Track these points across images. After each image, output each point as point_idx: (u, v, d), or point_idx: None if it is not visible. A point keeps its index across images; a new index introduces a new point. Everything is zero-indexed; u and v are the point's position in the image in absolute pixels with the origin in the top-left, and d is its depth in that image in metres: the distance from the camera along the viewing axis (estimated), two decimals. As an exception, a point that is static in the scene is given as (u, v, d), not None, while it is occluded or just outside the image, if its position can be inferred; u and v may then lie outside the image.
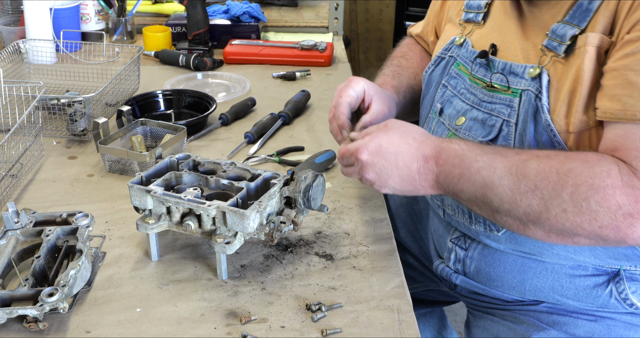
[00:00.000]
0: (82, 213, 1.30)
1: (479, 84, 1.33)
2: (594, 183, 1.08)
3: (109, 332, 1.13)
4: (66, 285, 1.12)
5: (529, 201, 1.12)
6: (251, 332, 1.12)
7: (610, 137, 1.13)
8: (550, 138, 1.19)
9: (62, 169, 1.62)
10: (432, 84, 1.47)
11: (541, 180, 1.11)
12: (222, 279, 1.25)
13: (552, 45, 1.21)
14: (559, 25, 1.21)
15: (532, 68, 1.23)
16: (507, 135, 1.25)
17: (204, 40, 2.26)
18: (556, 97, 1.20)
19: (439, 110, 1.41)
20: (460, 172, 1.18)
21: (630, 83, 1.10)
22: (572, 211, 1.10)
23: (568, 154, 1.14)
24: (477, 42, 1.39)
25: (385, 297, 1.21)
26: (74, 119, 1.69)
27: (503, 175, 1.14)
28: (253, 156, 1.68)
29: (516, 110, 1.25)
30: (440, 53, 1.47)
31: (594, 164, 1.10)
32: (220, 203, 1.21)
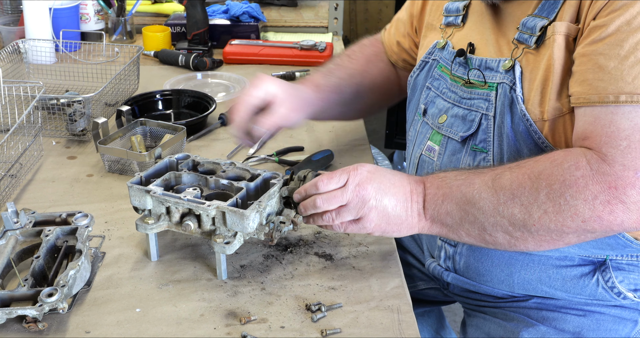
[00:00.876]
0: (81, 214, 1.30)
1: (458, 82, 1.36)
2: (565, 178, 1.10)
3: (108, 332, 1.13)
4: (65, 285, 1.12)
5: (510, 210, 1.14)
6: (251, 332, 1.12)
7: (581, 126, 1.15)
8: (526, 127, 1.22)
9: (61, 168, 1.62)
10: (417, 88, 1.49)
11: (517, 187, 1.14)
12: (221, 279, 1.24)
13: (523, 37, 1.24)
14: (529, 18, 1.23)
15: (505, 61, 1.26)
16: (486, 129, 1.29)
17: (204, 40, 2.26)
18: (529, 87, 1.23)
19: (423, 111, 1.44)
20: (444, 192, 1.20)
21: (600, 67, 1.12)
22: (552, 211, 1.11)
23: (536, 158, 1.16)
24: (457, 43, 1.41)
25: (385, 297, 1.21)
26: (73, 118, 1.69)
27: (482, 189, 1.16)
28: (253, 156, 1.68)
29: (493, 104, 1.27)
30: (424, 57, 1.48)
31: (562, 161, 1.12)
32: (220, 203, 1.21)
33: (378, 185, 1.19)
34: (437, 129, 1.38)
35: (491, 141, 1.28)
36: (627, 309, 1.34)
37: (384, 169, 1.23)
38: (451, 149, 1.35)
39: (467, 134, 1.31)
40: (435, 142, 1.38)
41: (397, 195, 1.20)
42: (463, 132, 1.32)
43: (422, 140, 1.43)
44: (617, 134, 1.10)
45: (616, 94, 1.10)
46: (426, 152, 1.41)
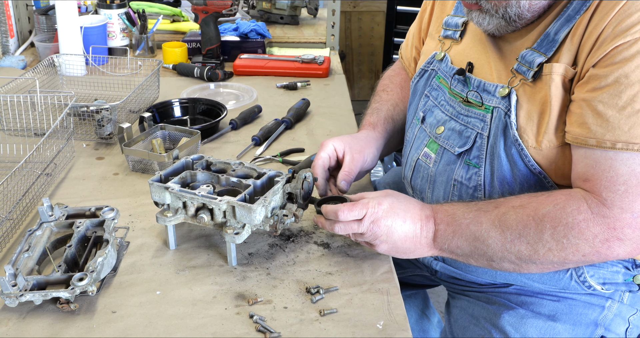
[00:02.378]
0: (108, 208, 1.30)
1: (457, 98, 1.33)
2: (568, 222, 1.10)
3: (132, 312, 1.13)
4: (94, 270, 1.12)
5: (517, 247, 1.14)
6: (257, 312, 1.12)
7: (581, 167, 1.13)
8: (518, 151, 1.20)
9: (91, 168, 1.62)
10: (417, 93, 1.47)
11: (522, 228, 1.13)
12: (232, 265, 1.24)
13: (521, 69, 1.20)
14: (528, 52, 1.20)
15: (502, 88, 1.23)
16: (480, 146, 1.26)
17: (216, 54, 2.25)
18: (525, 116, 1.19)
19: (422, 118, 1.42)
20: (454, 229, 1.18)
21: (600, 114, 1.09)
22: (556, 248, 1.12)
23: (539, 200, 1.14)
24: (455, 57, 1.38)
25: (376, 281, 1.21)
26: (101, 124, 1.69)
27: (489, 228, 1.15)
28: (259, 157, 1.68)
29: (488, 125, 1.25)
30: (424, 66, 1.46)
31: (564, 205, 1.11)
32: (230, 198, 1.21)
33: (391, 223, 1.18)
34: (434, 138, 1.36)
35: (484, 158, 1.26)
36: (596, 296, 1.33)
37: (399, 204, 1.21)
38: (446, 159, 1.33)
39: (463, 150, 1.29)
40: (432, 149, 1.36)
41: (407, 232, 1.19)
42: (459, 146, 1.30)
43: (419, 145, 1.41)
44: (615, 179, 1.09)
45: (613, 141, 1.08)
46: (423, 157, 1.39)
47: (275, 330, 1.08)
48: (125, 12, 2.38)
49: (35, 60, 2.30)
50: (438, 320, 1.86)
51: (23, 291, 1.10)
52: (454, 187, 1.31)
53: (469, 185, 1.28)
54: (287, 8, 2.65)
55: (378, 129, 1.52)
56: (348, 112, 1.98)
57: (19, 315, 1.12)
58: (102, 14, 2.35)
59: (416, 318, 1.83)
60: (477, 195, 1.28)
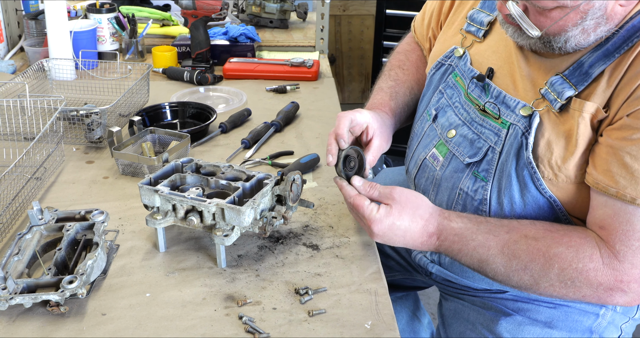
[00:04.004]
0: (98, 211, 1.30)
1: (472, 104, 1.29)
2: (578, 267, 1.09)
3: (121, 314, 1.13)
4: (84, 273, 1.13)
5: (520, 277, 1.14)
6: (247, 313, 1.13)
7: (600, 214, 1.11)
8: (530, 174, 1.17)
9: (80, 172, 1.62)
10: (432, 86, 1.42)
11: (530, 261, 1.12)
12: (221, 267, 1.25)
13: (549, 97, 1.15)
14: (558, 80, 1.14)
15: (525, 107, 1.18)
16: (490, 160, 1.23)
17: (206, 58, 2.25)
18: (545, 146, 1.15)
19: (434, 116, 1.37)
20: (459, 248, 1.18)
21: (626, 165, 1.06)
22: (559, 286, 1.12)
23: (554, 237, 1.13)
24: (475, 57, 1.33)
25: (364, 282, 1.22)
26: (91, 128, 1.69)
27: (496, 254, 1.15)
28: (249, 159, 1.68)
29: (502, 141, 1.21)
30: (441, 59, 1.41)
31: (578, 249, 1.10)
32: (220, 201, 1.21)
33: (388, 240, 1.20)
34: (444, 141, 1.33)
35: (492, 174, 1.23)
36: (591, 304, 1.33)
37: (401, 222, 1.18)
38: (455, 165, 1.30)
39: (473, 161, 1.26)
40: (441, 152, 1.33)
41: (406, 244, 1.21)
42: (469, 156, 1.26)
43: (428, 144, 1.38)
44: (632, 234, 1.07)
45: (634, 196, 1.06)
46: (430, 158, 1.36)
47: (264, 331, 1.08)
48: (115, 16, 2.38)
49: (24, 64, 2.30)
50: (428, 321, 1.86)
51: (13, 294, 1.10)
52: (459, 195, 1.29)
53: (474, 197, 1.26)
54: (277, 12, 2.66)
55: (396, 117, 1.47)
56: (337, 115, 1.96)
57: (9, 318, 1.12)
58: (92, 19, 2.35)
59: (407, 320, 1.83)
60: (482, 208, 1.25)
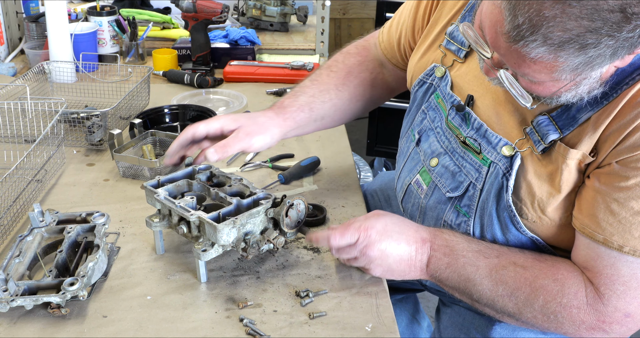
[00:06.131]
0: (99, 213, 1.30)
1: (454, 132, 1.25)
2: (562, 302, 1.09)
3: (122, 316, 1.13)
4: (85, 275, 1.13)
5: (504, 303, 1.14)
6: (247, 315, 1.13)
7: (584, 255, 1.10)
8: (510, 217, 1.15)
9: (81, 174, 1.62)
10: (416, 102, 1.39)
11: (516, 289, 1.12)
12: (201, 282, 1.22)
13: (533, 137, 1.11)
14: (545, 120, 1.10)
15: (508, 146, 1.15)
16: (472, 197, 1.21)
17: (206, 61, 2.25)
18: (527, 189, 1.13)
19: (417, 140, 1.35)
20: (449, 261, 1.17)
21: (613, 212, 1.04)
22: (541, 319, 1.12)
23: (541, 268, 1.12)
24: (456, 80, 1.28)
25: (364, 285, 1.22)
26: (91, 130, 1.69)
27: (484, 276, 1.14)
28: (249, 162, 1.68)
29: (483, 178, 1.18)
30: (422, 76, 1.36)
31: (564, 283, 1.10)
32: (201, 214, 1.18)
33: (385, 246, 1.17)
34: (427, 169, 1.30)
35: (474, 210, 1.20)
36: None
37: (393, 225, 1.18)
38: (437, 197, 1.27)
39: (454, 195, 1.23)
40: (425, 180, 1.31)
41: (402, 255, 1.18)
42: (451, 189, 1.24)
43: (412, 168, 1.35)
44: (616, 278, 1.06)
45: (621, 243, 1.04)
46: (415, 184, 1.34)
47: (265, 333, 1.09)
48: (116, 19, 2.38)
49: (25, 67, 2.30)
50: (428, 324, 1.86)
51: (14, 296, 1.10)
52: (443, 226, 1.27)
53: (458, 231, 1.24)
54: (277, 15, 2.67)
55: (286, 115, 1.43)
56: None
57: (10, 320, 1.12)
58: (92, 21, 2.36)
59: (407, 323, 1.83)
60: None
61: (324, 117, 1.49)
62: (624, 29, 0.87)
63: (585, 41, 0.88)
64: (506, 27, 0.92)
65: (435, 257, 1.18)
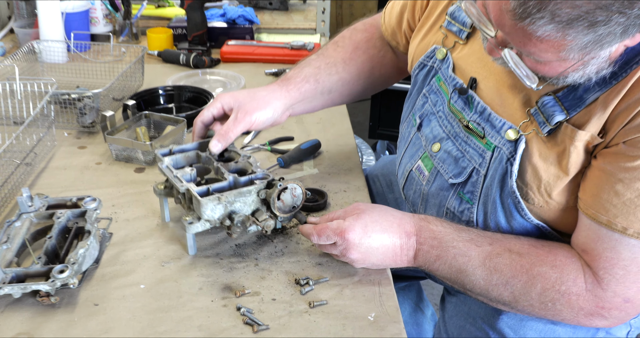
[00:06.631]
0: (90, 198, 1.29)
1: (457, 116, 1.24)
2: (561, 289, 1.08)
3: (114, 305, 1.12)
4: (76, 262, 1.12)
5: (499, 292, 1.13)
6: (245, 304, 1.12)
7: (584, 236, 1.09)
8: (514, 204, 1.14)
9: (72, 157, 1.60)
10: (416, 86, 1.38)
11: (512, 277, 1.11)
12: (189, 254, 1.24)
13: (538, 119, 1.10)
14: (550, 100, 1.08)
15: (512, 129, 1.13)
16: (475, 183, 1.20)
17: (203, 40, 2.24)
18: (533, 173, 1.11)
19: (418, 125, 1.34)
20: (438, 253, 1.15)
21: (617, 193, 1.03)
22: (538, 307, 1.11)
23: (539, 254, 1.11)
24: (458, 62, 1.27)
25: (367, 273, 1.21)
26: (83, 112, 1.68)
27: (477, 265, 1.13)
28: (247, 145, 1.66)
29: (487, 164, 1.17)
30: (423, 59, 1.35)
31: (562, 270, 1.09)
32: (191, 186, 1.19)
33: (366, 248, 1.15)
34: (429, 154, 1.29)
35: (477, 196, 1.19)
36: None
37: (374, 224, 1.16)
38: (440, 183, 1.26)
39: (457, 181, 1.22)
40: (426, 166, 1.30)
41: (385, 253, 1.17)
42: (453, 175, 1.23)
43: (414, 154, 1.35)
44: (616, 262, 1.05)
45: (625, 225, 1.03)
46: (416, 170, 1.33)
47: (263, 323, 1.07)
48: (108, -3, 2.36)
49: (14, 46, 2.28)
50: (432, 313, 1.85)
51: (1, 284, 1.09)
52: (446, 214, 1.26)
53: (461, 218, 1.23)
54: (276, -7, 2.65)
55: (290, 86, 1.41)
56: (339, 100, 1.95)
57: (-2, 309, 1.11)
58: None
59: (410, 311, 1.82)
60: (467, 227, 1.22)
61: (331, 90, 1.48)
62: (636, 5, 0.85)
63: (595, 18, 0.86)
64: (511, 4, 0.90)
65: (422, 250, 1.17)
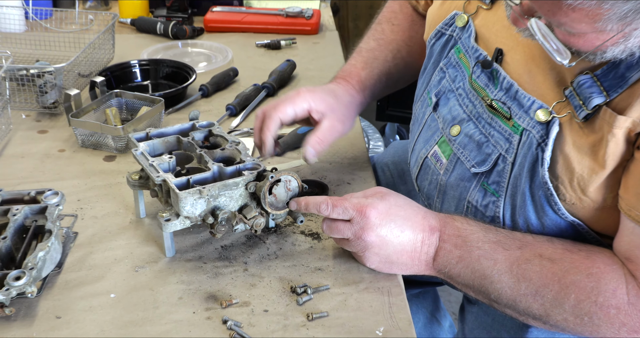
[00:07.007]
0: (52, 191, 1.28)
1: (479, 94, 1.24)
2: (598, 301, 1.07)
3: (80, 318, 1.11)
4: (34, 267, 1.11)
5: (528, 303, 1.12)
6: (232, 316, 1.11)
7: (627, 242, 1.08)
8: (546, 197, 1.13)
9: (31, 143, 1.60)
10: (432, 59, 1.38)
11: (542, 286, 1.10)
12: (167, 257, 1.24)
13: (573, 101, 1.08)
14: (587, 80, 1.06)
15: (543, 109, 1.12)
16: (501, 171, 1.19)
17: (183, 6, 2.25)
18: (564, 165, 1.10)
19: (434, 104, 1.34)
20: (461, 254, 1.15)
21: None
22: (573, 321, 1.09)
23: (574, 260, 1.10)
24: (481, 30, 1.26)
25: (375, 279, 1.20)
26: (44, 90, 1.67)
27: (503, 271, 1.12)
28: (235, 129, 1.66)
29: (514, 149, 1.17)
30: (440, 27, 1.35)
31: (599, 279, 1.07)
32: (168, 177, 1.19)
33: (385, 233, 1.15)
34: (447, 139, 1.29)
35: (504, 188, 1.18)
36: None
37: (398, 208, 1.17)
38: (460, 172, 1.26)
39: (480, 170, 1.22)
40: (444, 153, 1.30)
41: (405, 245, 1.16)
42: (476, 163, 1.22)
43: (429, 139, 1.34)
44: None
45: None
46: (432, 158, 1.33)
47: (253, 338, 1.07)
48: (73, -45, 2.34)
49: (-36, 14, 2.27)
50: (450, 324, 1.86)
51: (-53, 293, 1.08)
52: (467, 208, 1.26)
53: (485, 213, 1.23)
54: (269, -49, 2.63)
55: (366, 92, 1.46)
56: (342, 76, 1.95)
57: (-57, 321, 1.11)
58: (45, -42, 2.32)
59: (424, 322, 1.84)
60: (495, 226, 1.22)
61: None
62: None
63: None
64: None
65: (444, 249, 1.17)
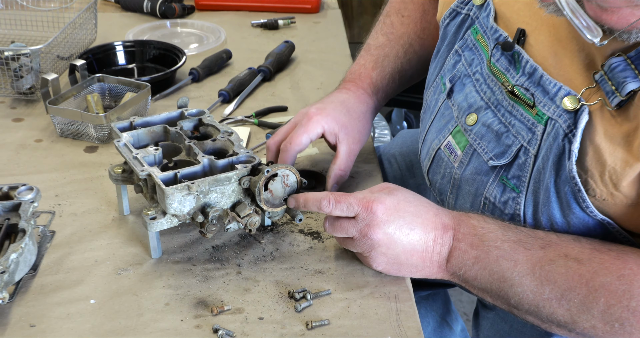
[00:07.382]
0: (26, 186, 1.27)
1: (499, 79, 1.23)
2: (630, 305, 1.05)
3: (57, 326, 1.11)
4: (6, 271, 1.10)
5: (553, 309, 1.10)
6: (224, 324, 1.11)
7: None
8: (573, 193, 1.11)
9: (5, 133, 1.60)
10: (446, 41, 1.38)
11: (568, 290, 1.08)
12: (153, 258, 1.24)
13: (605, 87, 1.06)
14: (620, 63, 1.04)
15: (570, 96, 1.10)
16: (523, 165, 1.18)
17: (173, -18, 2.22)
18: (594, 157, 1.09)
19: (449, 90, 1.33)
20: (477, 254, 1.14)
21: None
22: (602, 328, 1.08)
23: (603, 261, 1.08)
24: (500, 9, 1.26)
25: (380, 283, 1.20)
26: (19, 74, 1.67)
27: (525, 273, 1.11)
28: (228, 117, 1.66)
29: (538, 140, 1.15)
30: (455, 5, 1.35)
31: (632, 281, 1.05)
32: (154, 171, 1.18)
33: (393, 230, 1.15)
34: (462, 128, 1.28)
35: (526, 183, 1.17)
36: None
37: (407, 204, 1.16)
38: (476, 165, 1.25)
39: (499, 163, 1.21)
40: (459, 144, 1.29)
41: (415, 244, 1.15)
42: (495, 155, 1.22)
43: (442, 128, 1.34)
44: None
45: None
46: (445, 149, 1.32)
47: (247, 349, 1.07)
48: None
49: None
50: (462, 328, 1.86)
51: None
52: (484, 205, 1.25)
53: (504, 211, 1.22)
54: None
55: (379, 95, 1.48)
56: (344, 59, 1.96)
57: None
58: None
59: (434, 326, 1.84)
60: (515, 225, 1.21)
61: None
62: None
63: None
64: None
65: (459, 249, 1.16)
